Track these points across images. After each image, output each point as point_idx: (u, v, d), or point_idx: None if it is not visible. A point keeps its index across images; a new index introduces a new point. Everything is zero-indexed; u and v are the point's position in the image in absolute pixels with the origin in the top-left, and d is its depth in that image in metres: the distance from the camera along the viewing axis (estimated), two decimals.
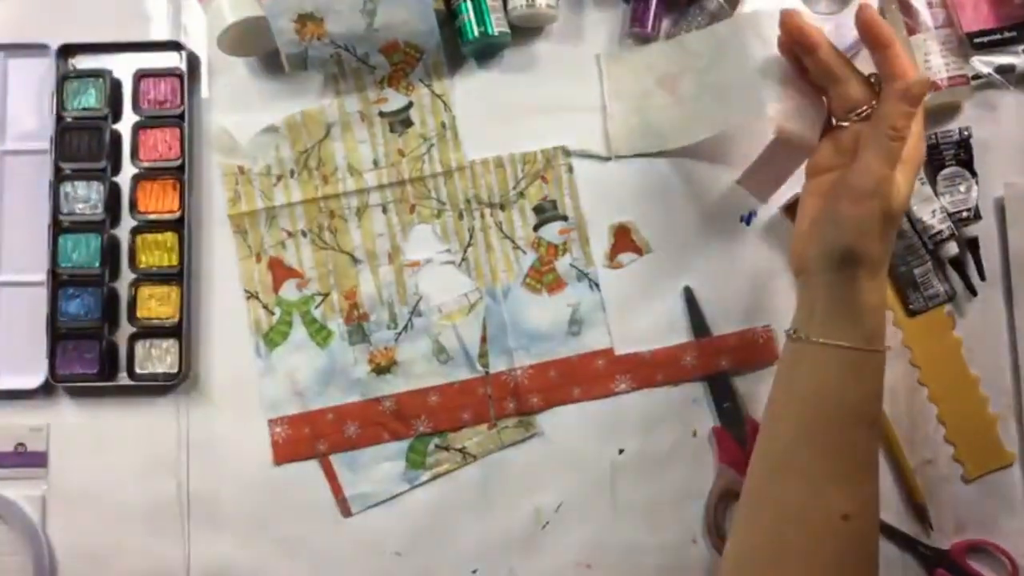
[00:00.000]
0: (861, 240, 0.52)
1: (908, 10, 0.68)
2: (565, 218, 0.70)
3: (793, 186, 0.67)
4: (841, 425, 0.52)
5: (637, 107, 0.70)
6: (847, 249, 0.52)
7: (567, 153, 0.70)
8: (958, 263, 0.68)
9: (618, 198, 0.70)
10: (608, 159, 0.70)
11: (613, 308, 0.69)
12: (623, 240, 0.70)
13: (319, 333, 0.69)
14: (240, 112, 0.70)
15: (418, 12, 0.66)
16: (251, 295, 0.69)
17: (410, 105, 0.70)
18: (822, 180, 0.56)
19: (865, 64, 0.70)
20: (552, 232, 0.70)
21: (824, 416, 0.53)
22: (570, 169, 0.70)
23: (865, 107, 0.54)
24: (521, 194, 0.70)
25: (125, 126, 0.69)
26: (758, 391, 0.68)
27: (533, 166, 0.70)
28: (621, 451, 0.68)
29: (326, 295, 0.69)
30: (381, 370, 0.68)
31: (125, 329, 0.68)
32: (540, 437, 0.68)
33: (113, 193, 0.69)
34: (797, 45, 0.56)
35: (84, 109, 0.69)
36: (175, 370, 0.68)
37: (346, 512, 0.68)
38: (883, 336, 0.53)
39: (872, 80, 0.55)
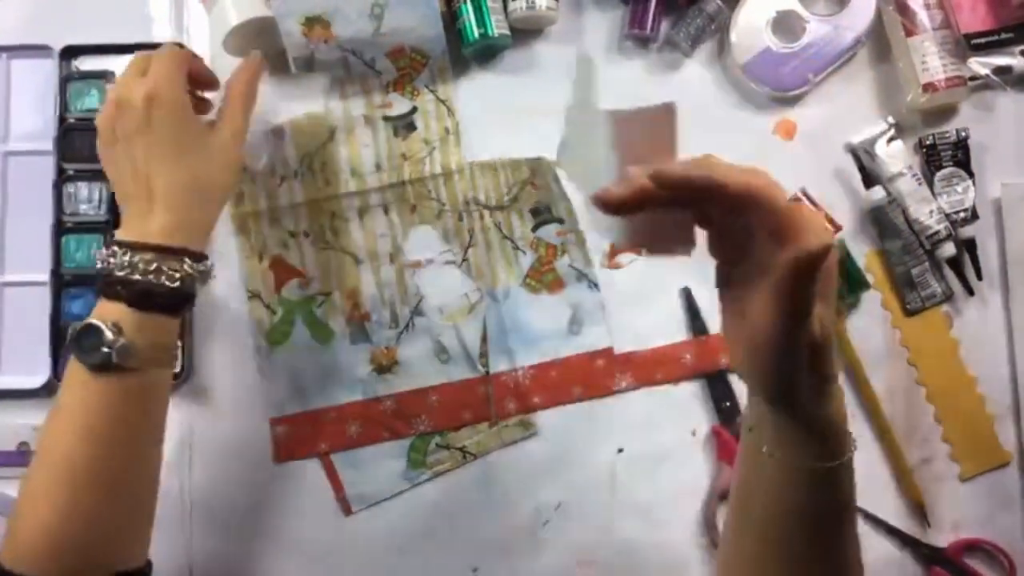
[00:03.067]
0: (789, 389, 0.42)
1: (906, 11, 0.68)
2: (561, 220, 0.70)
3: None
4: (809, 538, 0.46)
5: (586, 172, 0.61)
6: (776, 399, 0.44)
7: (551, 164, 0.69)
8: (955, 263, 0.69)
9: None
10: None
11: (613, 308, 0.69)
12: None
13: (320, 332, 0.69)
14: None
15: (425, 18, 0.66)
16: (253, 295, 0.69)
17: (414, 110, 0.70)
18: (733, 295, 0.44)
19: (860, 69, 0.71)
20: (550, 233, 0.70)
21: (788, 532, 0.46)
22: (557, 178, 0.70)
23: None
24: (515, 199, 0.70)
25: None
26: None
27: (520, 174, 0.70)
28: (621, 450, 0.69)
29: (328, 295, 0.69)
30: (382, 369, 0.69)
31: None
32: (540, 436, 0.69)
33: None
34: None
35: (87, 110, 0.69)
36: (177, 370, 0.68)
37: (347, 511, 0.68)
38: (844, 442, 0.44)
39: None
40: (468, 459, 0.69)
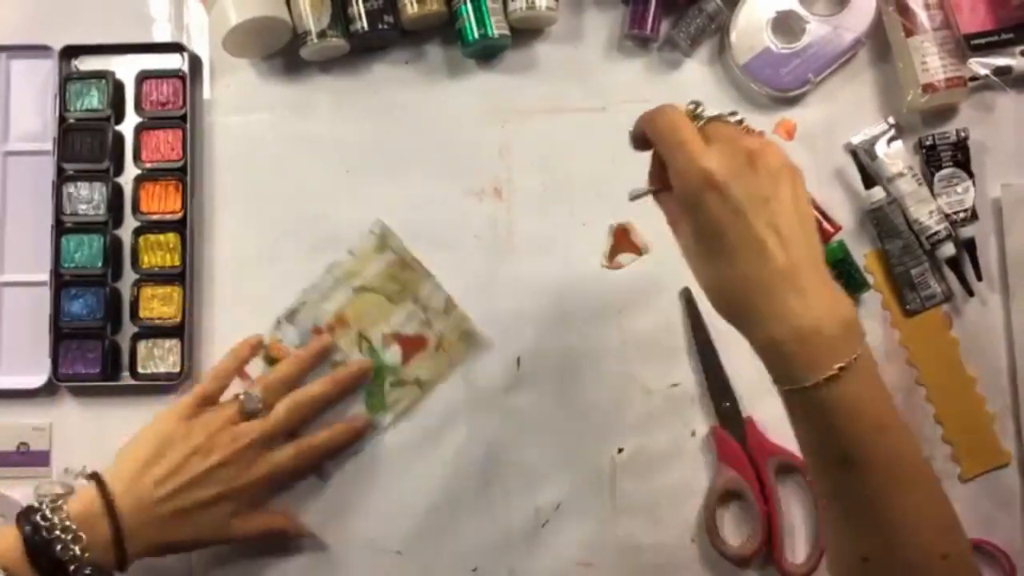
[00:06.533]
0: (717, 303, 0.48)
1: (906, 12, 0.68)
2: None
3: None
4: (816, 469, 0.49)
5: None
6: (727, 319, 0.48)
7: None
8: (955, 263, 0.68)
9: (617, 198, 0.70)
10: (610, 159, 0.70)
11: (613, 309, 0.69)
12: (623, 240, 0.70)
13: None
14: (242, 113, 0.71)
15: None
16: None
17: None
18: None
19: (860, 69, 0.71)
20: None
21: (808, 462, 0.49)
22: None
23: None
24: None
25: (127, 127, 0.70)
26: (757, 391, 0.69)
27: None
28: (620, 450, 0.69)
29: None
30: None
31: (128, 329, 0.69)
32: (539, 436, 0.69)
33: (116, 194, 0.69)
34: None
35: (87, 110, 0.69)
36: (177, 370, 0.68)
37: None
38: (808, 367, 0.45)
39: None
40: (424, 390, 0.68)
